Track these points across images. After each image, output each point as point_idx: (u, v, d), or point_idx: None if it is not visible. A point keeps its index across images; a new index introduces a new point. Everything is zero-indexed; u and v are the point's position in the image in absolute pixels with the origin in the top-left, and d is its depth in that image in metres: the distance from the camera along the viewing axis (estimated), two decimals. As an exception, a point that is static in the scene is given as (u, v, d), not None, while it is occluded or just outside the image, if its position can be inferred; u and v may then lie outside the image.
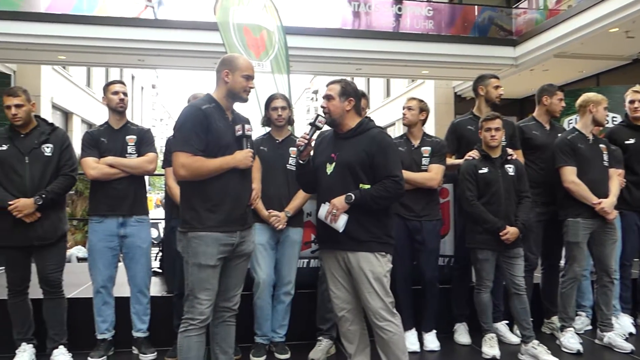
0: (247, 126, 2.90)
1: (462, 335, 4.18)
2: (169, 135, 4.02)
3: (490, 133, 3.80)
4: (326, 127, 3.13)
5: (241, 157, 2.84)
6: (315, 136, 3.07)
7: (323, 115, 3.03)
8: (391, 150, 2.98)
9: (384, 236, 2.96)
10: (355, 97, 3.02)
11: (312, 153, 3.10)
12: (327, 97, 3.01)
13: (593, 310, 4.33)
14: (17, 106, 3.49)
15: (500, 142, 3.85)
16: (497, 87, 4.23)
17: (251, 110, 4.49)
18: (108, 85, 3.86)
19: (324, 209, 2.91)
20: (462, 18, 11.18)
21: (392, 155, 2.97)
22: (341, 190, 2.89)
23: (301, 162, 3.05)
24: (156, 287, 4.36)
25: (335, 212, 2.86)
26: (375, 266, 2.91)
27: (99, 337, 3.77)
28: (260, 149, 3.74)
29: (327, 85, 3.07)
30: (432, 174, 3.95)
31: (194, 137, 2.75)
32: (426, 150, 4.00)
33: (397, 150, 3.20)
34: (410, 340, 3.91)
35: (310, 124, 3.03)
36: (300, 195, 3.81)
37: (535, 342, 3.74)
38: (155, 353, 3.79)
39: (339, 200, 2.86)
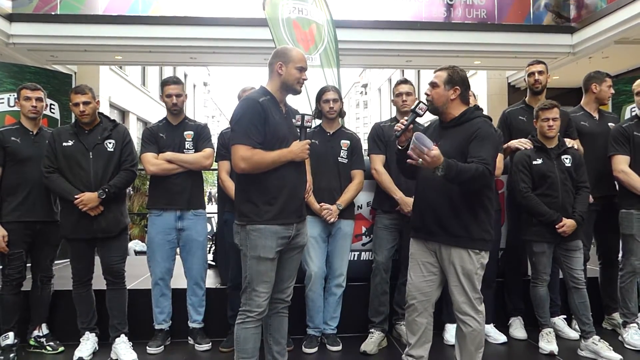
0: (307, 117, 2.87)
1: (517, 329, 4.10)
2: (220, 131, 4.08)
3: (548, 123, 3.68)
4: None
5: (297, 149, 2.82)
6: (413, 122, 2.95)
7: (425, 102, 2.95)
8: (490, 139, 2.81)
9: (481, 232, 2.83)
10: (462, 85, 2.90)
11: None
12: (432, 85, 2.92)
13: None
14: (85, 103, 3.62)
15: (557, 133, 3.73)
16: (533, 73, 4.15)
17: (300, 104, 4.52)
18: (163, 85, 3.89)
19: (427, 142, 2.57)
20: (516, 6, 10.84)
21: (488, 144, 2.80)
22: (439, 179, 2.68)
23: (399, 147, 2.99)
24: (210, 280, 4.44)
25: (421, 162, 2.60)
26: (467, 263, 2.82)
27: (157, 327, 3.89)
28: (311, 141, 3.75)
29: (435, 72, 2.96)
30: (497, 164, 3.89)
31: (253, 129, 2.73)
32: None
33: (497, 142, 3.07)
34: None
35: (412, 110, 2.96)
36: (352, 188, 3.81)
37: (596, 337, 3.63)
38: (210, 343, 3.88)
39: (434, 160, 2.56)
